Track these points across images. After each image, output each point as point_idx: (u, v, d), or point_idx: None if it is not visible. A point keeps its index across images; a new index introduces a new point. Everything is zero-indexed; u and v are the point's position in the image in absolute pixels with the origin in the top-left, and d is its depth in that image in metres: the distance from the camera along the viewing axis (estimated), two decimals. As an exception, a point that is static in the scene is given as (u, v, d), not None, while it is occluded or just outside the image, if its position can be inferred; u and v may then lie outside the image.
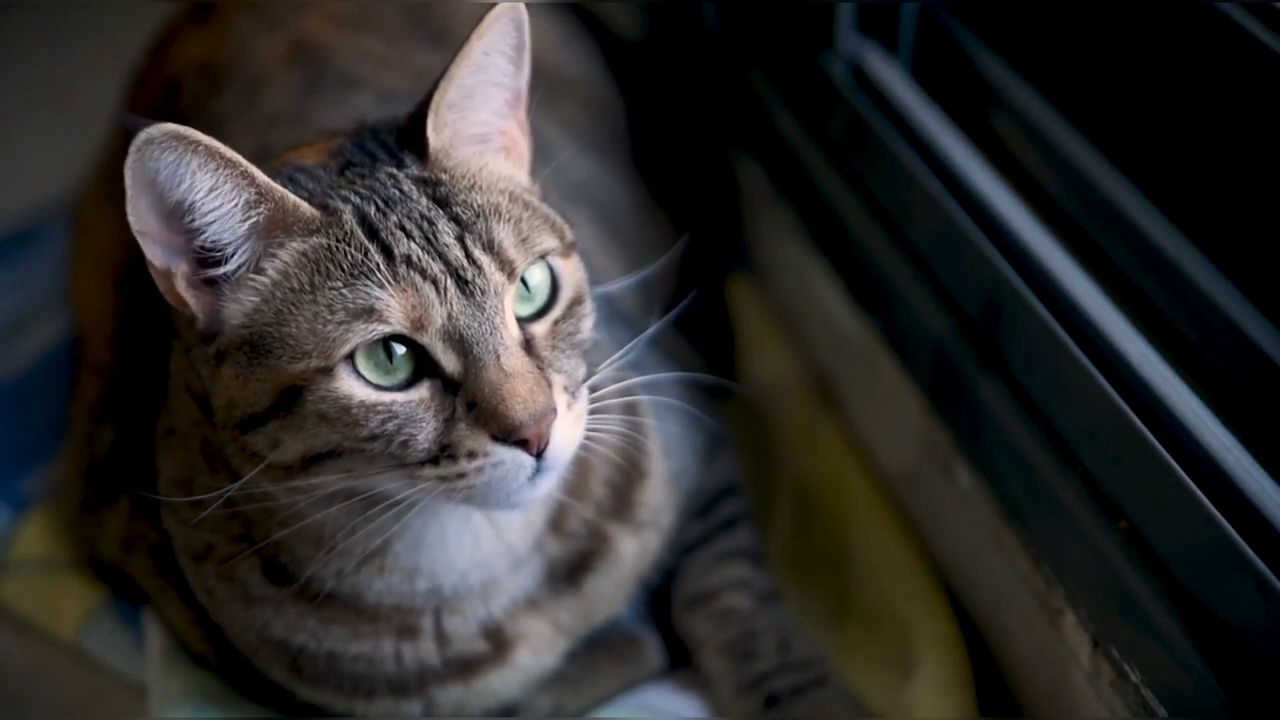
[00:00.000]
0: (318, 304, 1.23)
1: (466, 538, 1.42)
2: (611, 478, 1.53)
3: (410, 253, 1.24)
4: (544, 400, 1.24)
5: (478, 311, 1.24)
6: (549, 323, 1.30)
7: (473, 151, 1.34)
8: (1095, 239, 1.56)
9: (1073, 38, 1.67)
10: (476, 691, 1.51)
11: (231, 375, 1.27)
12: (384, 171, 1.29)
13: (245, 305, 1.26)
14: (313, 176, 1.30)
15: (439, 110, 1.31)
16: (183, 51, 1.85)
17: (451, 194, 1.29)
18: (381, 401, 1.23)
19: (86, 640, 1.72)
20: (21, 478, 1.89)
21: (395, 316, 1.22)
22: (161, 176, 1.20)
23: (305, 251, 1.25)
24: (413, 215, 1.26)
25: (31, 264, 2.22)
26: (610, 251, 1.74)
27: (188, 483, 1.43)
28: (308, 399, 1.24)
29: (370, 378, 1.24)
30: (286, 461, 1.27)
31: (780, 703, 1.59)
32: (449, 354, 1.24)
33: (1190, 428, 1.36)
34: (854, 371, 1.86)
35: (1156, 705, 1.34)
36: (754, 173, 2.08)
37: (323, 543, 1.36)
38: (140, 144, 1.18)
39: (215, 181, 1.22)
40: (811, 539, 1.80)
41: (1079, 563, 1.44)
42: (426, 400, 1.24)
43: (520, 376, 1.23)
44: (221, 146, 1.21)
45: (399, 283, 1.22)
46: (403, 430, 1.24)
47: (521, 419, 1.22)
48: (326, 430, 1.24)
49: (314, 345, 1.22)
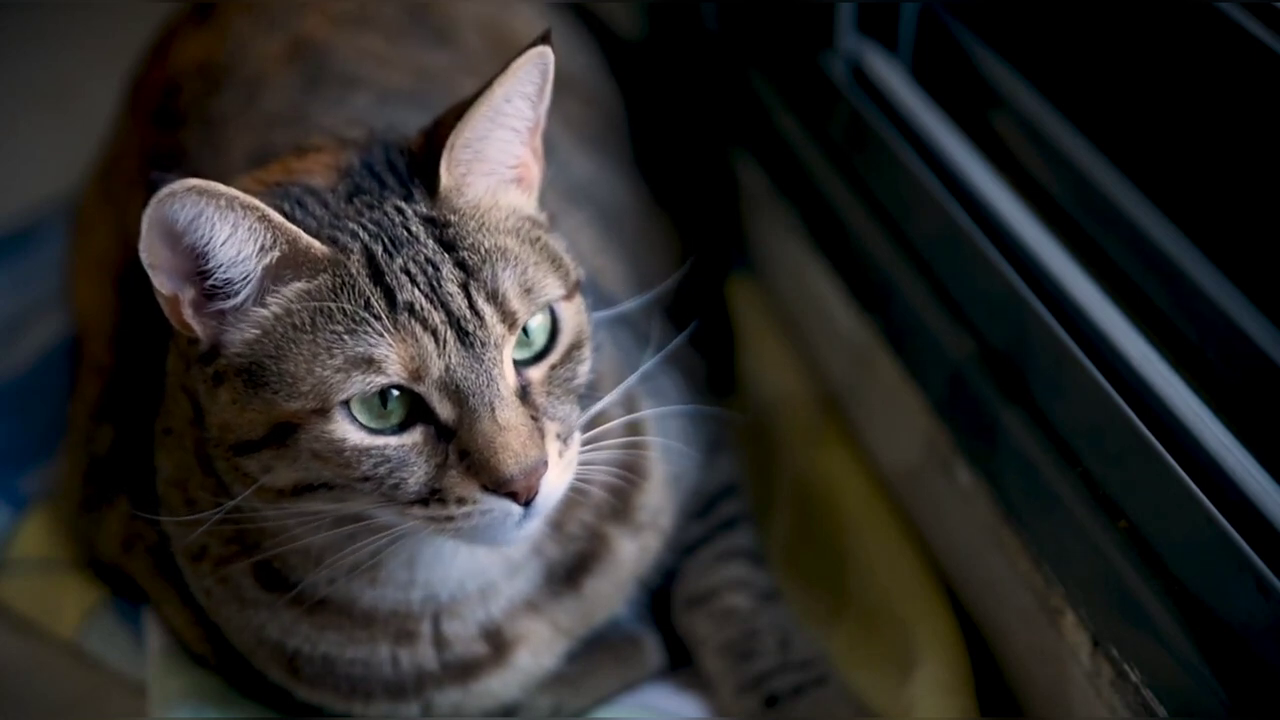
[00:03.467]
0: (317, 345, 1.23)
1: (461, 552, 1.42)
2: (611, 482, 1.53)
3: (413, 300, 1.23)
4: (536, 454, 1.24)
5: (476, 363, 1.23)
6: (545, 367, 1.30)
7: (484, 186, 1.32)
8: (1095, 239, 1.56)
9: (1073, 38, 1.67)
10: (475, 694, 1.51)
11: (228, 400, 1.27)
12: (392, 205, 1.28)
13: (247, 335, 1.26)
14: (321, 201, 1.29)
15: (453, 149, 1.29)
16: (182, 51, 1.85)
17: (459, 236, 1.27)
18: (375, 445, 1.24)
19: (86, 640, 1.71)
20: (21, 477, 1.89)
21: (393, 368, 1.22)
22: (179, 225, 1.20)
23: (310, 291, 1.25)
24: (418, 259, 1.25)
25: (31, 264, 2.22)
26: (610, 251, 1.74)
27: (184, 483, 1.43)
28: (302, 438, 1.24)
29: (364, 421, 1.24)
30: (279, 486, 1.28)
31: (780, 702, 1.59)
32: (445, 403, 1.24)
33: (1190, 428, 1.36)
34: (854, 371, 1.86)
35: (1156, 705, 1.34)
36: (754, 173, 2.08)
37: (314, 558, 1.37)
38: (162, 197, 1.18)
39: (232, 230, 1.22)
40: (812, 539, 1.80)
41: (1079, 562, 1.44)
42: (419, 445, 1.25)
43: (514, 430, 1.24)
44: (241, 195, 1.20)
45: (399, 331, 1.22)
46: (394, 474, 1.24)
47: (513, 473, 1.23)
48: (319, 466, 1.25)
49: (311, 387, 1.22)
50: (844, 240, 1.84)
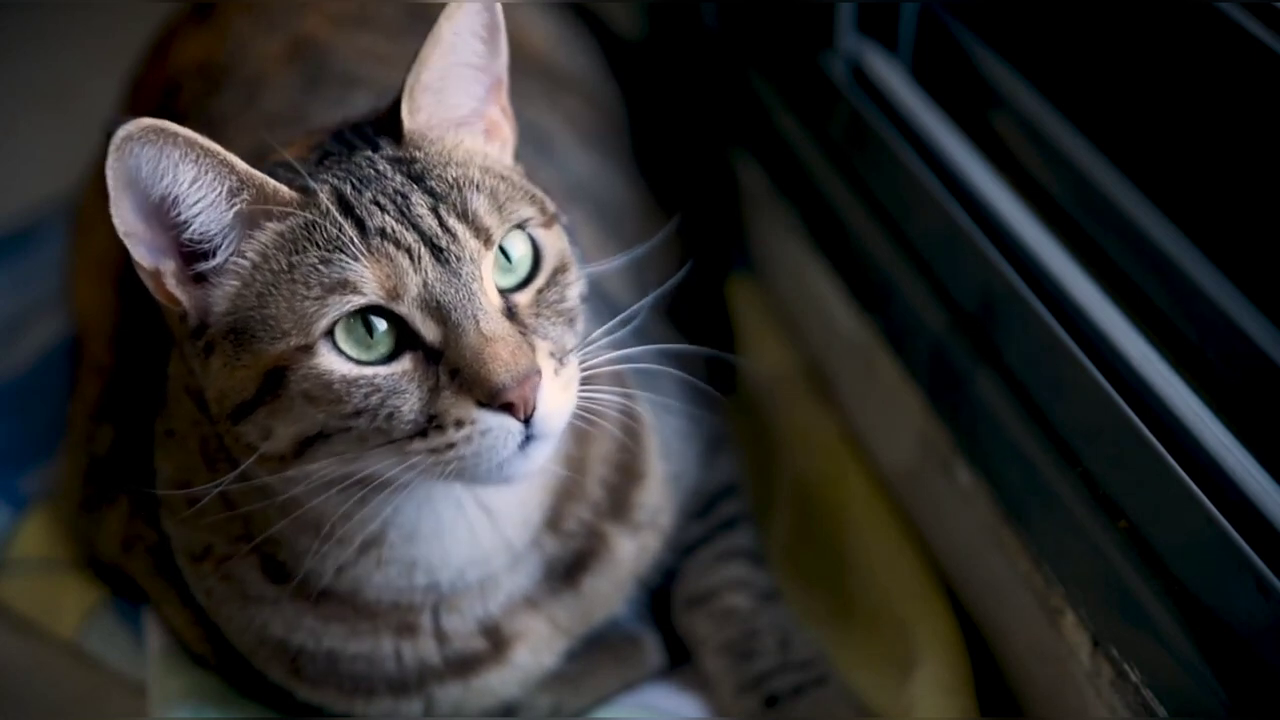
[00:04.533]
0: (295, 282, 1.24)
1: (462, 529, 1.41)
2: (609, 478, 1.54)
3: (384, 225, 1.24)
4: (526, 363, 1.23)
5: (454, 278, 1.24)
6: (532, 291, 1.31)
7: (449, 129, 1.35)
8: (1095, 239, 1.56)
9: (1073, 38, 1.67)
10: (476, 690, 1.51)
11: (220, 365, 1.28)
12: (361, 155, 1.31)
13: (228, 290, 1.27)
14: (292, 169, 1.30)
15: (413, 93, 1.32)
16: (182, 51, 1.85)
17: (426, 169, 1.29)
18: (363, 376, 1.24)
19: (86, 640, 1.72)
20: (21, 477, 1.90)
21: (370, 287, 1.22)
22: (144, 173, 1.21)
23: (283, 232, 1.26)
24: (387, 190, 1.27)
25: (31, 264, 2.22)
26: (610, 250, 1.74)
27: (186, 484, 1.43)
28: (291, 380, 1.24)
29: (351, 353, 1.24)
30: (279, 450, 1.27)
31: (780, 702, 1.59)
32: (428, 323, 1.24)
33: (1190, 428, 1.36)
34: (853, 370, 1.86)
35: (1156, 705, 1.34)
36: (754, 172, 2.08)
37: (320, 531, 1.36)
38: (119, 141, 1.19)
39: (197, 172, 1.23)
40: (811, 539, 1.80)
41: (1079, 562, 1.44)
42: (410, 371, 1.25)
43: (501, 340, 1.23)
44: (200, 137, 1.22)
45: (373, 254, 1.23)
46: (386, 403, 1.24)
47: (504, 381, 1.22)
48: (312, 410, 1.24)
49: (293, 323, 1.23)
50: (844, 240, 1.84)
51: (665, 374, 1.64)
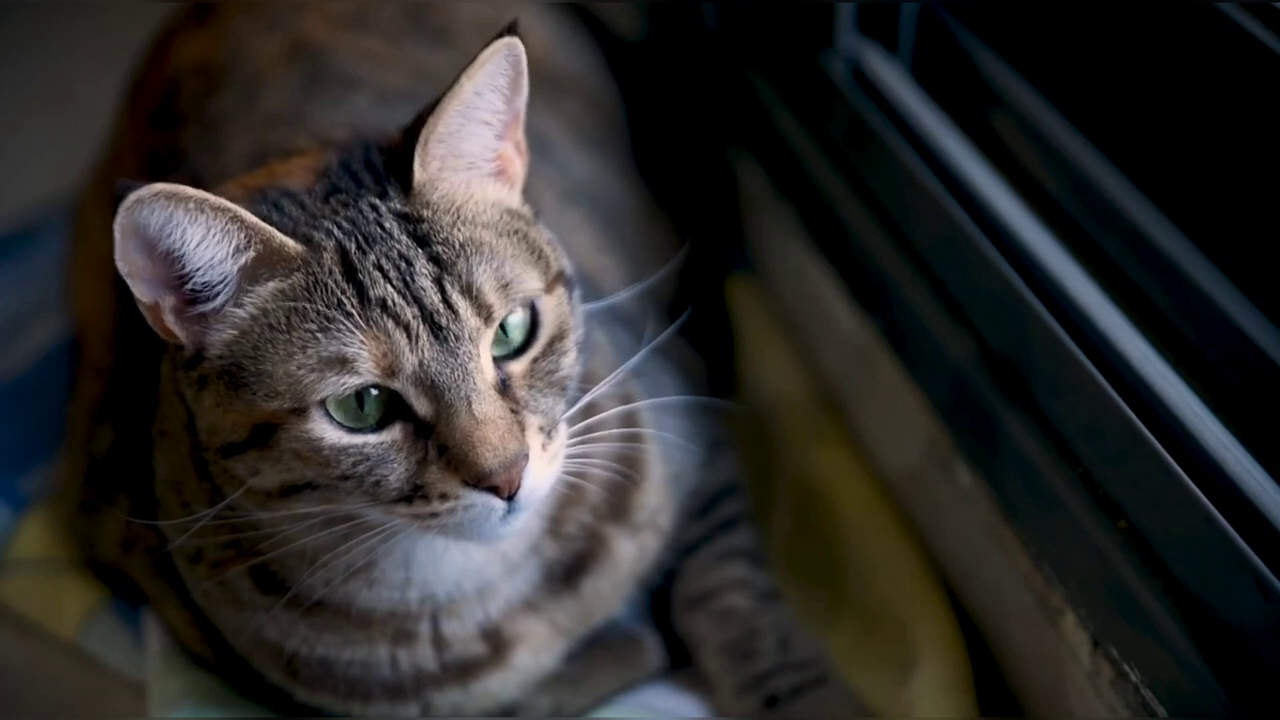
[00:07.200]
0: (292, 343, 1.23)
1: (456, 551, 1.42)
2: (608, 481, 1.53)
3: (385, 296, 1.23)
4: (515, 447, 1.24)
5: (450, 358, 1.23)
6: (527, 361, 1.29)
7: (461, 180, 1.31)
8: (1095, 239, 1.56)
9: (1073, 37, 1.67)
10: (475, 694, 1.51)
11: (212, 403, 1.28)
12: (367, 202, 1.28)
13: (226, 336, 1.26)
14: (297, 203, 1.29)
15: (427, 143, 1.28)
16: (182, 52, 1.85)
17: (433, 231, 1.27)
18: (354, 444, 1.24)
19: (86, 640, 1.71)
20: (21, 477, 1.89)
21: (366, 366, 1.22)
22: (151, 231, 1.20)
23: (284, 290, 1.24)
24: (391, 254, 1.25)
25: (31, 264, 2.22)
26: (609, 251, 1.74)
27: (179, 485, 1.43)
28: (282, 437, 1.24)
29: (342, 420, 1.24)
30: (266, 489, 1.28)
31: (780, 702, 1.59)
32: (421, 398, 1.24)
33: (1190, 428, 1.36)
34: (854, 371, 1.86)
35: (1156, 705, 1.34)
36: (754, 172, 2.08)
37: (309, 559, 1.36)
38: (130, 204, 1.18)
39: (205, 233, 1.22)
40: (812, 539, 1.80)
41: (1079, 562, 1.44)
42: (399, 442, 1.25)
43: (492, 423, 1.23)
44: (209, 197, 1.20)
45: (371, 328, 1.22)
46: (374, 471, 1.24)
47: (491, 467, 1.22)
48: (301, 466, 1.25)
49: (287, 387, 1.22)
50: (844, 240, 1.84)
51: (665, 375, 1.64)
